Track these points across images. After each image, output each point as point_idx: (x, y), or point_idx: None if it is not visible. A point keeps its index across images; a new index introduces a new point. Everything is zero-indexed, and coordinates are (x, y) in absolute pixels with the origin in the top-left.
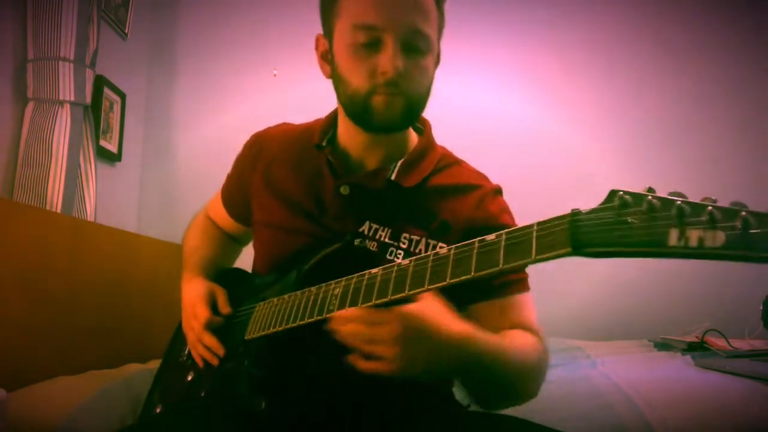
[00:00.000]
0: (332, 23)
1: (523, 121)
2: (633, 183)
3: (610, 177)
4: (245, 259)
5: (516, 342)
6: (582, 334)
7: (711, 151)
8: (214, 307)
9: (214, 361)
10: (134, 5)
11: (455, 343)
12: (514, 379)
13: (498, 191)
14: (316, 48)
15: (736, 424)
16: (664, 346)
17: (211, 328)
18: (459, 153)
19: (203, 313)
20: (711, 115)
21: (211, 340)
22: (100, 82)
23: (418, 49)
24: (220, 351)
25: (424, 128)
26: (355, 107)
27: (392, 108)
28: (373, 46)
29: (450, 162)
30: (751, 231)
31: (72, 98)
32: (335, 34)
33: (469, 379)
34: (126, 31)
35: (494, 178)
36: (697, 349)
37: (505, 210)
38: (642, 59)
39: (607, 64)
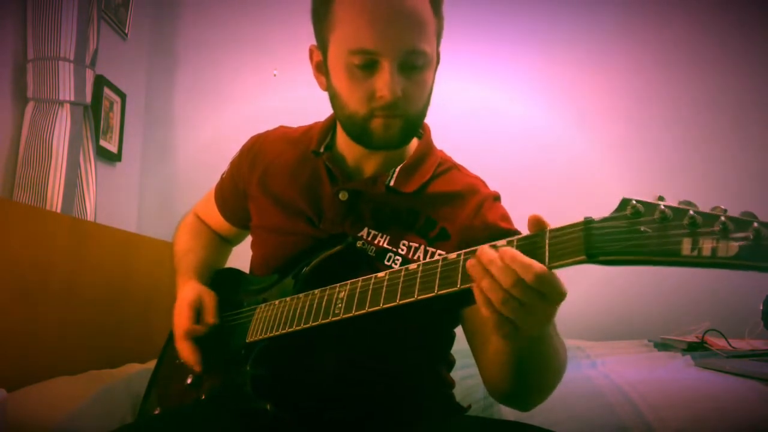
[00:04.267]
0: (326, 38)
1: (529, 124)
2: (641, 188)
3: (617, 182)
4: (243, 260)
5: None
6: (582, 334)
7: (717, 155)
8: (200, 314)
9: (197, 369)
10: (134, 5)
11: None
12: (556, 360)
13: (496, 197)
14: (310, 58)
15: (735, 424)
16: (664, 346)
17: (191, 337)
18: (462, 156)
19: (183, 323)
20: (720, 120)
21: (187, 351)
22: (100, 82)
23: (416, 67)
24: (194, 363)
25: (423, 132)
26: (354, 128)
27: (391, 130)
28: (369, 67)
29: (448, 167)
30: (763, 242)
31: (72, 98)
32: (329, 50)
33: (534, 346)
34: (126, 31)
35: (497, 183)
36: (697, 349)
37: (504, 217)
38: (651, 62)
39: (615, 66)
